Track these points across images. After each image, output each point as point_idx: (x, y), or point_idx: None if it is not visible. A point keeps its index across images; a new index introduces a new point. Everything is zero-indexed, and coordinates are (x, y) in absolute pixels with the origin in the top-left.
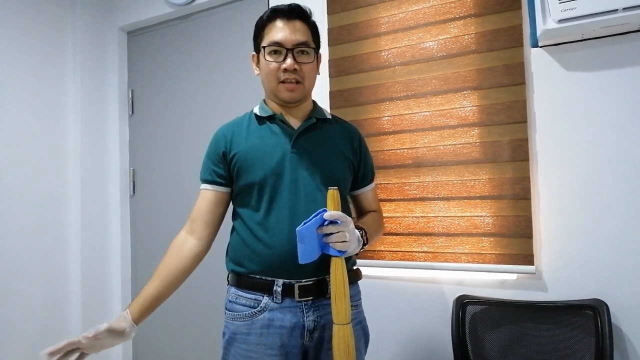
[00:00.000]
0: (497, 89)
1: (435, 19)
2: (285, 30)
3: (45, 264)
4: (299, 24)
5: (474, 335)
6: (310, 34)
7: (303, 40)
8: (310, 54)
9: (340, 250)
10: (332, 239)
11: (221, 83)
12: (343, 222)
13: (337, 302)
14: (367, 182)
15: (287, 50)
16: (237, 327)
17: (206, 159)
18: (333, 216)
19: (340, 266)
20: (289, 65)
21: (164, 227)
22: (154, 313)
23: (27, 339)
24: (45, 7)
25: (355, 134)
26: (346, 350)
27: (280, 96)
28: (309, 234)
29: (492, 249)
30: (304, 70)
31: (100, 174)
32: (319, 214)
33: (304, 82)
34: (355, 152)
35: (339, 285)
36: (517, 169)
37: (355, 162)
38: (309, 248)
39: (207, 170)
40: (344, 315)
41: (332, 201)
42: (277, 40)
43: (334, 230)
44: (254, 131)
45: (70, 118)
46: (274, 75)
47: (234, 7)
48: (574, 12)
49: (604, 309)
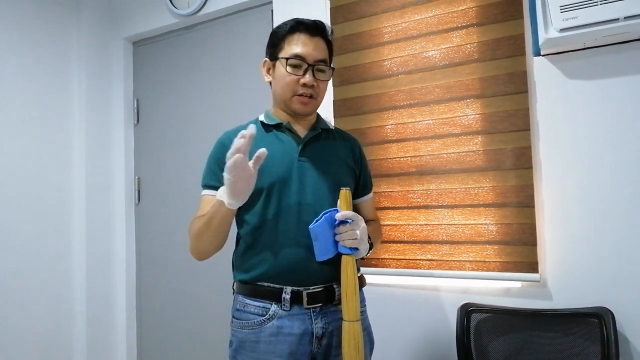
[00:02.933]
0: (500, 97)
1: (438, 28)
2: (309, 46)
3: (50, 272)
4: (320, 42)
5: (479, 343)
6: (328, 52)
7: (323, 58)
8: (327, 72)
9: (352, 248)
10: (343, 236)
11: (225, 92)
12: (354, 221)
13: (347, 299)
14: (367, 191)
15: (309, 65)
16: (245, 336)
17: (212, 164)
18: (345, 216)
19: (352, 264)
20: (308, 81)
21: (169, 235)
22: (160, 311)
23: (32, 346)
24: (51, 17)
25: (356, 145)
26: (356, 346)
27: (292, 108)
28: (322, 231)
29: (496, 256)
30: (320, 87)
31: (106, 182)
32: (329, 212)
33: (317, 98)
34: (357, 162)
35: (350, 282)
36: (521, 176)
37: (357, 171)
38: (324, 245)
39: (213, 176)
40: (354, 312)
41: (345, 201)
42: (299, 53)
43: (345, 229)
44: (261, 138)
45: (76, 127)
46: (291, 88)
47: (238, 18)
48: (576, 21)
49: (610, 317)
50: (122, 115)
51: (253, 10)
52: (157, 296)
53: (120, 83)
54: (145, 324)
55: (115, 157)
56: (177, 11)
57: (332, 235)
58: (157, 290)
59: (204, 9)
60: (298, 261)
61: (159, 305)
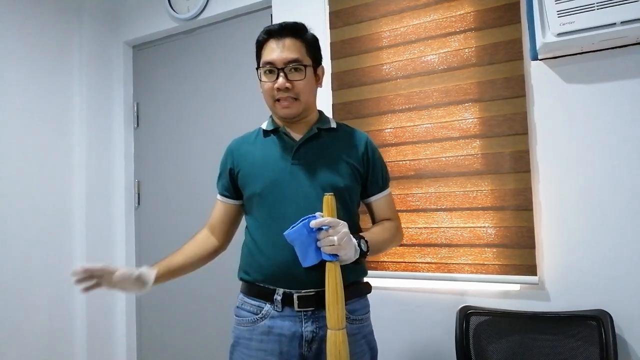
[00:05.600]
0: (498, 102)
1: (436, 32)
2: (276, 50)
3: (50, 276)
4: (289, 42)
5: (478, 345)
6: (305, 50)
7: (293, 58)
8: (303, 70)
9: (332, 255)
10: (321, 242)
11: (225, 96)
12: (332, 227)
13: (330, 307)
14: (377, 189)
15: (279, 69)
16: (240, 332)
17: (220, 172)
18: (320, 223)
19: (334, 271)
20: (280, 85)
21: (169, 239)
22: (160, 312)
23: (33, 348)
24: (52, 21)
25: (362, 141)
26: (337, 355)
27: (277, 113)
28: (299, 237)
29: (495, 259)
30: (298, 86)
31: (106, 186)
32: (308, 218)
33: (300, 98)
34: (362, 160)
35: (332, 289)
36: (519, 180)
37: (363, 169)
38: (304, 251)
39: (219, 182)
40: (336, 321)
41: (327, 207)
42: (268, 60)
43: (322, 235)
44: (259, 144)
45: (76, 130)
46: (270, 95)
47: (238, 22)
48: (573, 26)
49: (608, 320)
50: (122, 118)
51: (252, 14)
52: (157, 298)
53: (120, 87)
54: (145, 327)
55: (115, 161)
56: (177, 15)
57: (313, 241)
58: (156, 292)
59: (203, 14)
60: (285, 265)
61: (159, 307)
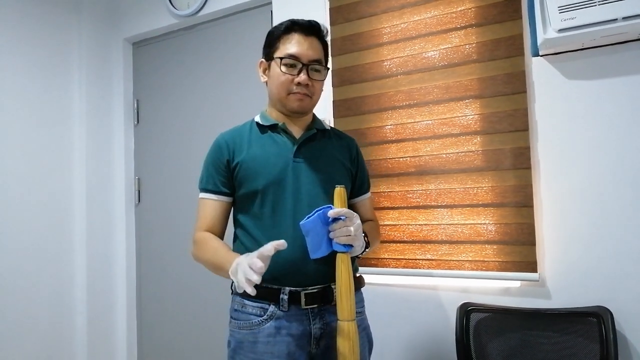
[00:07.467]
0: (498, 98)
1: (437, 29)
2: (303, 45)
3: (51, 272)
4: (315, 41)
5: (478, 342)
6: (323, 53)
7: (318, 58)
8: (322, 72)
9: (346, 245)
10: (337, 233)
11: (225, 93)
12: (348, 218)
13: (342, 298)
14: (363, 191)
15: (303, 65)
16: (243, 336)
17: (210, 168)
18: (338, 213)
19: (346, 262)
20: (302, 80)
21: (169, 236)
22: (161, 311)
23: (33, 346)
24: (52, 18)
25: (352, 144)
26: (351, 347)
27: (288, 106)
28: (314, 227)
29: (495, 256)
30: (315, 86)
31: (106, 182)
32: (322, 209)
33: (312, 97)
34: (353, 162)
35: (344, 281)
36: (520, 176)
37: (353, 171)
38: (317, 242)
39: (211, 179)
40: (349, 312)
41: (339, 198)
42: (293, 53)
43: (338, 226)
44: (256, 140)
45: (76, 127)
46: (286, 87)
47: (238, 18)
48: (574, 22)
49: (608, 316)
50: (122, 115)
51: (253, 10)
52: (158, 296)
53: (120, 83)
54: (146, 324)
55: (115, 158)
56: (177, 12)
57: (325, 233)
58: (157, 290)
59: (203, 10)
60: (294, 262)
61: (159, 305)
